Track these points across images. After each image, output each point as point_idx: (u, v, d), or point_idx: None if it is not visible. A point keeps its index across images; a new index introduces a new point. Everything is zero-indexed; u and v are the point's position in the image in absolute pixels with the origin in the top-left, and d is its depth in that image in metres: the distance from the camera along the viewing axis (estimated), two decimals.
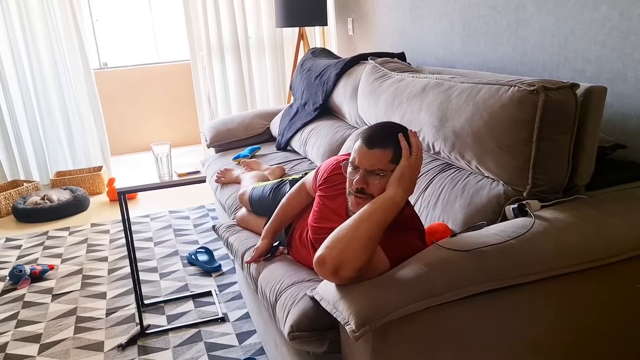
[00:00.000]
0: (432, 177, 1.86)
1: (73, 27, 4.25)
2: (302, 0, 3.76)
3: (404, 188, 1.36)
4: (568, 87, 1.46)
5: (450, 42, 2.68)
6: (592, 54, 1.86)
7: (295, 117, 3.21)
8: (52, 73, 4.30)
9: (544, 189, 1.52)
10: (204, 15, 4.34)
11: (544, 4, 2.03)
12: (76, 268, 2.98)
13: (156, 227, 3.54)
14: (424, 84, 1.99)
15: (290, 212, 1.87)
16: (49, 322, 2.44)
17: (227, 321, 2.34)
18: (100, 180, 4.36)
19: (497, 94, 1.59)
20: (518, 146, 1.51)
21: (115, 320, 2.42)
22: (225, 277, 2.75)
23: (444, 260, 1.29)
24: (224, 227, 2.25)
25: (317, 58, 3.32)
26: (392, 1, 3.21)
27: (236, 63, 4.50)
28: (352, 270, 1.26)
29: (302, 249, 1.76)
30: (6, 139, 4.26)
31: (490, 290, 1.28)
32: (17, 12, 4.09)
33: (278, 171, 2.74)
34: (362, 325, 1.16)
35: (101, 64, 5.87)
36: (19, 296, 2.70)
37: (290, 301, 1.51)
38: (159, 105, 5.87)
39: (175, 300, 2.55)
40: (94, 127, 4.52)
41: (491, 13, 2.34)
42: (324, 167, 1.70)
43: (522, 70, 2.21)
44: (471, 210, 1.60)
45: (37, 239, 3.46)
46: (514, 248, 1.31)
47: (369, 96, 2.39)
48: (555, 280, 1.34)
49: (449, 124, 1.75)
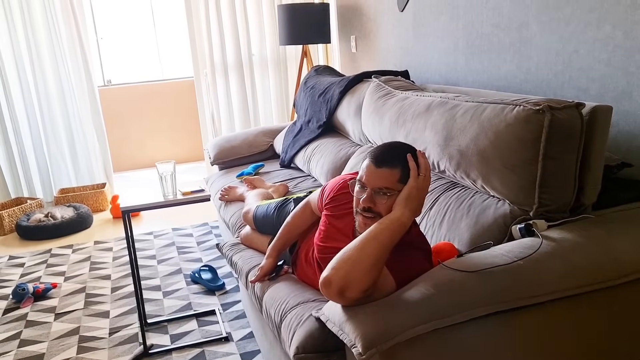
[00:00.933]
0: (438, 196, 1.85)
1: (78, 44, 4.28)
2: (306, 18, 3.79)
3: (411, 209, 1.35)
4: (574, 107, 1.46)
5: (454, 60, 2.69)
6: (596, 72, 1.86)
7: (299, 134, 3.21)
8: (57, 90, 4.33)
9: (551, 208, 1.52)
10: (207, 33, 4.38)
11: (548, 23, 2.04)
12: (79, 286, 2.97)
13: (159, 244, 3.53)
14: (428, 103, 2.00)
15: (295, 231, 1.86)
16: (52, 341, 2.42)
17: (231, 341, 2.32)
18: (104, 198, 4.36)
19: (502, 113, 1.59)
20: (524, 165, 1.51)
21: (118, 339, 2.40)
22: (229, 295, 2.74)
23: (451, 281, 1.28)
24: (227, 245, 2.24)
25: (321, 76, 3.33)
26: (395, 19, 3.23)
27: (240, 80, 4.53)
28: (358, 291, 1.25)
29: (308, 268, 1.74)
30: (10, 156, 4.28)
31: (498, 311, 1.27)
32: (22, 29, 4.12)
33: (282, 189, 2.74)
34: (369, 348, 1.15)
35: (105, 81, 5.91)
36: (22, 315, 2.68)
37: (296, 322, 1.50)
38: (163, 122, 5.89)
39: (178, 319, 2.53)
40: (97, 144, 4.53)
41: (494, 31, 2.35)
42: (330, 186, 1.70)
43: (527, 89, 2.21)
44: (477, 229, 1.59)
45: (41, 256, 3.45)
46: (522, 269, 1.30)
47: (373, 114, 2.39)
48: (564, 301, 1.33)
49: (454, 142, 1.75)
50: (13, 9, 4.06)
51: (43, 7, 4.13)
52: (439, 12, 2.75)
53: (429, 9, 2.84)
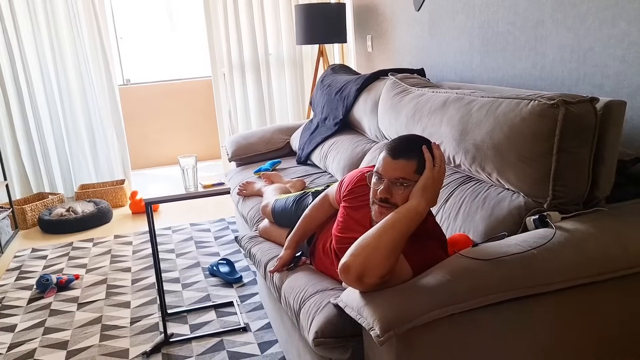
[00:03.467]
0: (453, 189, 1.89)
1: (99, 45, 4.38)
2: (322, 18, 3.84)
3: (426, 199, 1.39)
4: (588, 101, 1.49)
5: (469, 58, 2.73)
6: (610, 69, 1.89)
7: (316, 131, 3.27)
8: (79, 89, 4.42)
9: (565, 200, 1.55)
10: (225, 32, 4.45)
11: (563, 21, 2.07)
12: (100, 278, 3.05)
13: (178, 239, 3.60)
14: (444, 99, 2.04)
15: (313, 223, 1.91)
16: (75, 329, 2.50)
17: (249, 331, 2.37)
18: (123, 193, 4.45)
19: (517, 107, 1.62)
20: (538, 159, 1.54)
21: (140, 328, 2.46)
22: (247, 288, 2.80)
23: (466, 268, 1.32)
24: (246, 238, 2.30)
25: (337, 74, 3.38)
26: (411, 18, 3.27)
27: (256, 79, 4.59)
28: (376, 277, 1.30)
29: (326, 259, 1.79)
30: (33, 152, 4.38)
31: (512, 299, 1.31)
32: (46, 31, 4.23)
33: (299, 184, 2.79)
34: (387, 331, 1.20)
35: (125, 80, 6.01)
36: (46, 304, 2.76)
37: (315, 309, 1.55)
38: (180, 120, 5.98)
39: (197, 310, 2.60)
40: (116, 142, 4.62)
41: (510, 29, 2.38)
42: (349, 178, 1.74)
43: (541, 86, 2.24)
44: (492, 221, 1.63)
45: (62, 249, 3.54)
46: (535, 257, 1.34)
47: (390, 111, 2.43)
48: (577, 290, 1.36)
49: (469, 137, 1.79)
50: (37, 11, 4.17)
51: (67, 8, 4.23)
52: (455, 12, 2.78)
53: (444, 8, 2.88)
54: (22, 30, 4.16)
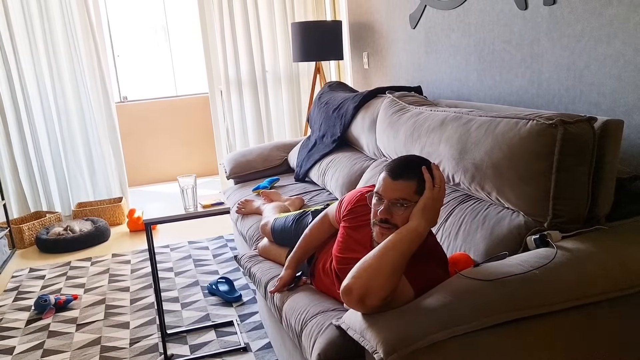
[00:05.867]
0: (453, 208, 1.89)
1: (96, 63, 4.39)
2: (319, 35, 3.87)
3: (427, 219, 1.40)
4: (586, 121, 1.51)
5: (466, 76, 2.75)
6: (607, 87, 1.91)
7: (314, 148, 3.28)
8: (76, 107, 4.43)
9: (565, 219, 1.56)
10: (222, 50, 4.48)
11: (558, 40, 2.10)
12: (99, 298, 3.03)
13: (176, 257, 3.59)
14: (442, 117, 2.05)
15: (313, 243, 1.91)
16: (74, 351, 2.47)
17: (250, 351, 2.36)
18: (121, 211, 4.44)
19: (516, 127, 1.63)
20: (538, 178, 1.55)
21: (139, 350, 2.45)
22: (246, 307, 2.78)
23: (468, 289, 1.32)
24: (246, 257, 2.29)
25: (335, 91, 3.40)
26: (407, 36, 3.30)
27: (253, 96, 4.61)
28: (378, 299, 1.30)
29: (326, 279, 1.79)
30: (30, 171, 4.37)
31: (514, 319, 1.30)
32: (44, 48, 4.24)
33: (297, 202, 2.79)
34: (390, 354, 1.19)
35: (121, 97, 6.03)
36: (45, 325, 2.74)
37: (317, 330, 1.54)
38: (178, 137, 5.99)
39: (197, 330, 2.58)
40: (113, 159, 4.62)
41: (506, 47, 2.41)
42: (348, 198, 1.75)
43: (538, 103, 2.26)
44: (493, 240, 1.64)
45: (60, 269, 3.52)
46: (537, 278, 1.34)
47: (388, 129, 2.45)
48: (579, 310, 1.36)
49: (468, 156, 1.80)
50: (35, 28, 4.18)
51: (64, 25, 4.25)
52: (451, 30, 2.81)
53: (440, 26, 2.91)
54: (19, 47, 4.17)
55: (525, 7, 2.24)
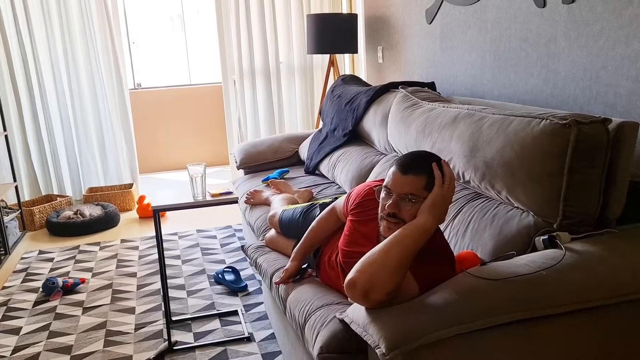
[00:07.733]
0: (462, 206, 1.88)
1: (111, 49, 4.41)
2: (334, 28, 3.85)
3: (435, 216, 1.39)
4: (600, 122, 1.49)
5: (481, 73, 2.72)
6: (623, 89, 1.88)
7: (325, 141, 3.27)
8: (90, 93, 4.45)
9: (575, 221, 1.54)
10: (237, 40, 4.47)
11: (576, 39, 2.07)
12: (106, 282, 3.05)
13: (184, 245, 3.61)
14: (455, 114, 2.03)
15: (320, 235, 1.91)
16: (80, 334, 2.50)
17: (253, 341, 2.36)
18: (131, 198, 4.46)
19: (528, 126, 1.61)
20: (549, 178, 1.53)
21: (144, 335, 2.46)
22: (252, 297, 2.79)
23: (474, 288, 1.31)
24: (253, 247, 2.30)
25: (348, 85, 3.38)
26: (422, 31, 3.28)
27: (266, 87, 4.61)
28: (382, 294, 1.29)
29: (331, 272, 1.79)
30: (43, 155, 4.41)
31: (520, 320, 1.29)
32: (60, 33, 4.26)
33: (306, 194, 2.78)
34: (393, 349, 1.19)
35: (135, 84, 6.05)
36: (51, 308, 2.77)
37: (320, 323, 1.54)
38: (189, 126, 6.01)
39: (202, 318, 2.59)
40: (125, 146, 4.64)
41: (522, 45, 2.38)
42: (356, 192, 1.74)
43: (553, 103, 2.23)
44: (501, 240, 1.62)
45: (69, 252, 3.55)
46: (544, 279, 1.33)
47: (400, 124, 2.43)
48: (586, 312, 1.35)
49: (479, 154, 1.78)
50: (52, 14, 4.20)
51: (80, 11, 4.27)
52: (467, 26, 2.78)
53: (456, 22, 2.88)
54: (35, 33, 4.20)
55: (544, 5, 2.21)
